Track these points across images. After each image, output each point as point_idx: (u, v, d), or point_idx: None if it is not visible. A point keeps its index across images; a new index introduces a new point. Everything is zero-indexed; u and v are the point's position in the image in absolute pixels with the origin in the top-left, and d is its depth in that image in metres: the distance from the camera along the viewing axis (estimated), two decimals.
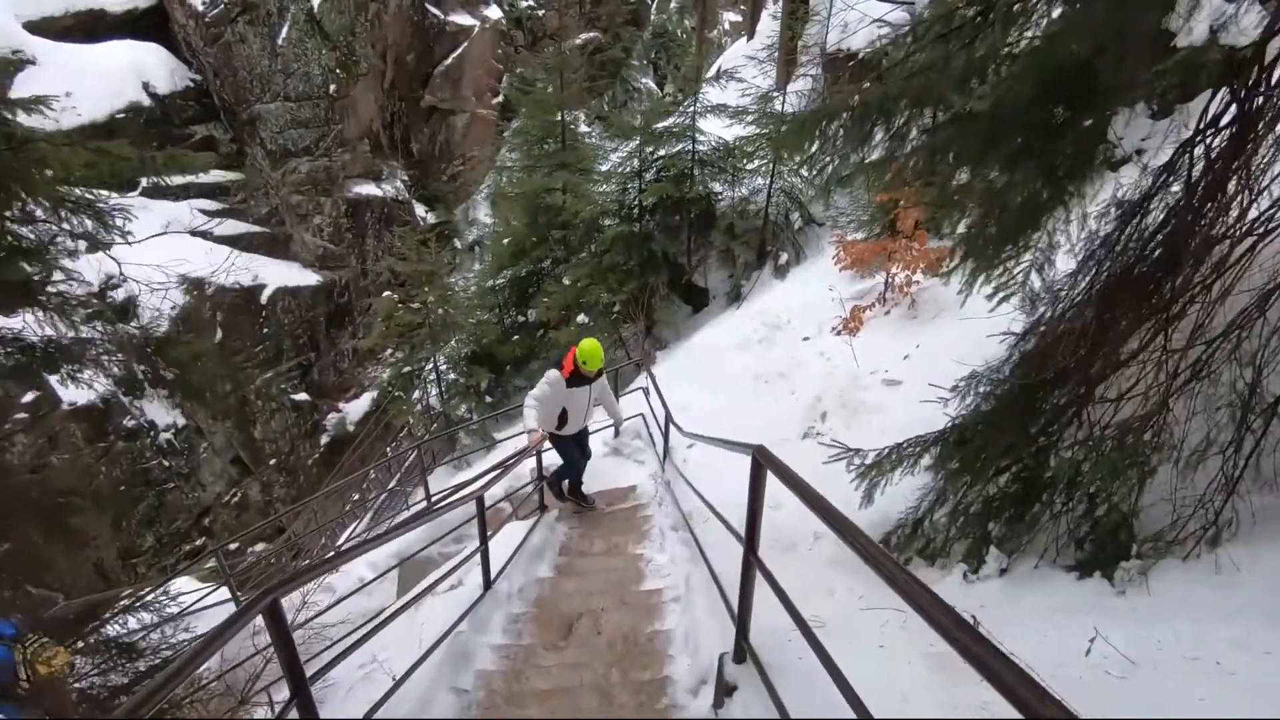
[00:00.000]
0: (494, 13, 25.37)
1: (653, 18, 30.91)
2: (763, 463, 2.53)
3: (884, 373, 5.96)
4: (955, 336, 5.81)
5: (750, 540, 2.69)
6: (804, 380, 6.56)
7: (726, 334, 8.38)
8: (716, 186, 10.30)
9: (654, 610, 4.75)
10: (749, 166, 9.85)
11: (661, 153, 10.09)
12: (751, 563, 2.69)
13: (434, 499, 8.09)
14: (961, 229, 4.25)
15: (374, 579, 7.10)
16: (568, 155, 11.26)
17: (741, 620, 2.84)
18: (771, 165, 9.64)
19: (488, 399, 12.43)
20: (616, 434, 7.95)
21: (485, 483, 4.33)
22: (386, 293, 12.24)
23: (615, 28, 27.70)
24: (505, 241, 12.12)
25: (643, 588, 5.23)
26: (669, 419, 6.63)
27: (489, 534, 5.05)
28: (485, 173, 25.46)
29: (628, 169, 10.32)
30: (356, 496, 15.24)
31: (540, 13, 27.47)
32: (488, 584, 4.68)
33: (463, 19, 24.13)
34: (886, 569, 1.48)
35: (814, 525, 5.23)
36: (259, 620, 2.07)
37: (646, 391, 7.88)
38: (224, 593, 8.50)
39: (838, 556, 4.16)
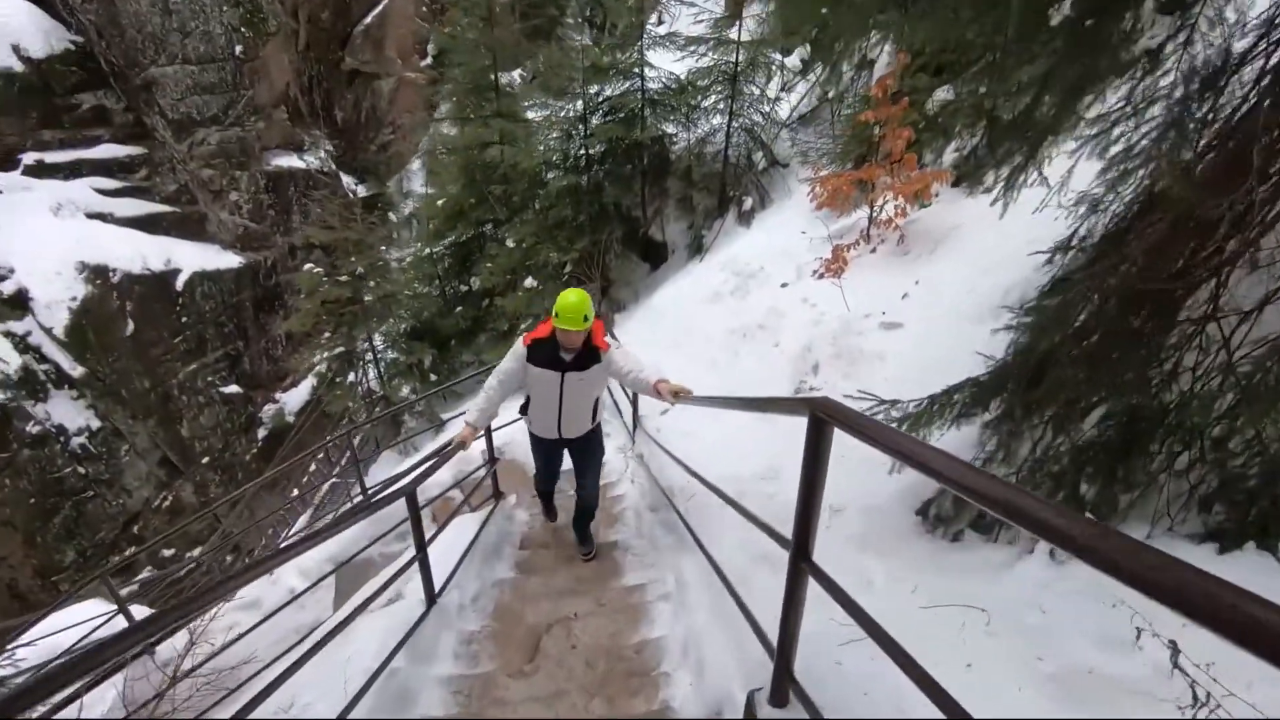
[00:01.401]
0: None
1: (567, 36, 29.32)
2: (828, 419, 1.64)
3: (881, 315, 5.16)
4: (962, 268, 5.03)
5: (802, 540, 1.81)
6: (788, 330, 5.72)
7: (692, 289, 7.49)
8: (670, 128, 9.31)
9: (638, 613, 3.88)
10: (705, 104, 8.88)
11: (608, 92, 9.02)
12: (803, 572, 1.81)
13: (371, 492, 7.05)
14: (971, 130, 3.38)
15: (305, 590, 6.08)
16: (502, 102, 10.08)
17: (783, 651, 1.97)
18: (730, 100, 8.69)
19: (432, 377, 11.30)
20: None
21: (413, 478, 3.35)
22: (309, 265, 10.92)
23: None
24: (440, 204, 10.90)
25: (623, 583, 4.36)
26: None
27: (432, 534, 4.09)
28: (419, 141, 23.80)
29: (570, 113, 9.22)
30: (296, 491, 13.99)
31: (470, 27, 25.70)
32: (432, 598, 3.73)
33: None
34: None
35: (829, 497, 4.44)
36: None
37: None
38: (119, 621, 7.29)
39: (863, 534, 3.36)
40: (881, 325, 5.06)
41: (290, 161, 19.26)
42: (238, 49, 17.47)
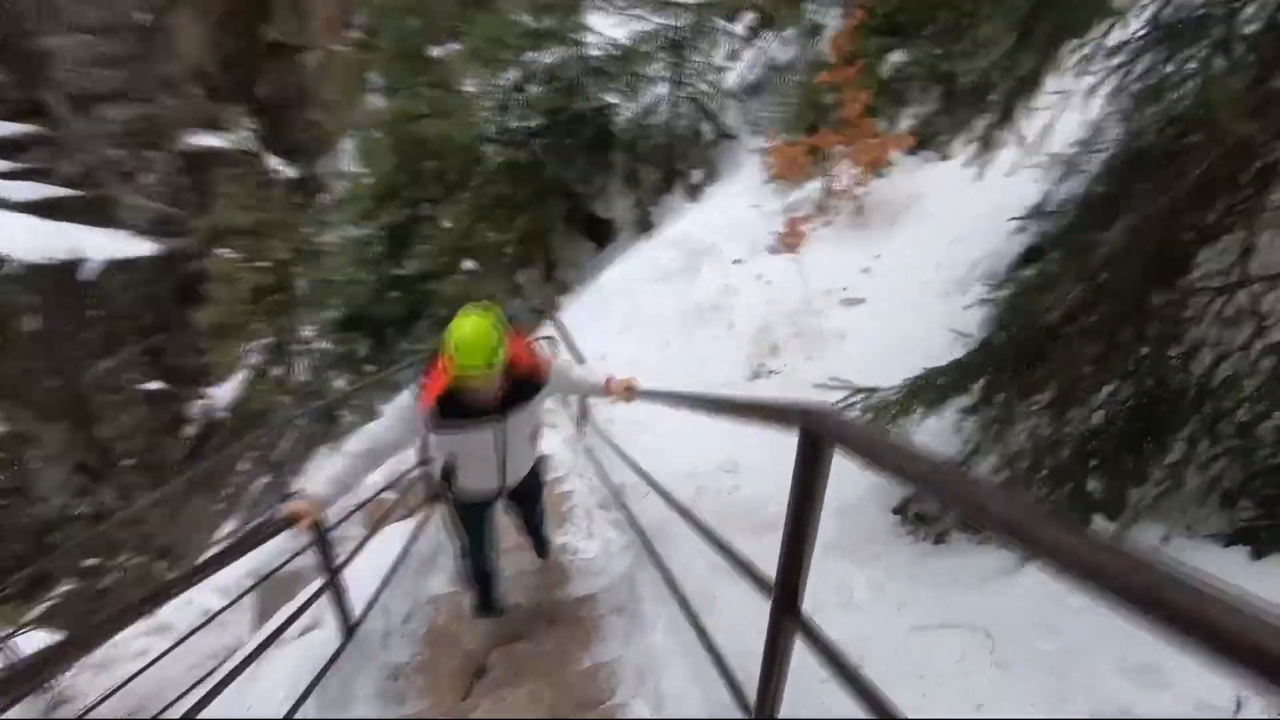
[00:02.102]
0: None
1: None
2: (826, 437, 1.22)
3: (841, 292, 4.82)
4: (926, 239, 4.72)
5: (790, 588, 1.39)
6: (743, 310, 5.34)
7: (640, 268, 7.04)
8: (612, 98, 8.76)
9: (589, 628, 3.47)
10: (648, 71, 8.36)
11: (546, 60, 8.41)
12: (789, 628, 1.40)
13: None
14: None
15: (220, 610, 5.50)
16: (434, 72, 9.36)
17: (765, 711, 1.57)
18: (675, 68, 8.19)
19: (368, 368, 10.59)
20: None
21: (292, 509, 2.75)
22: (223, 251, 10.05)
23: None
24: (369, 183, 10.13)
25: (570, 593, 3.94)
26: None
27: (348, 554, 3.58)
28: (350, 119, 22.52)
29: (506, 82, 8.59)
30: (224, 494, 13.13)
31: None
32: (349, 629, 3.23)
33: None
34: None
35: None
36: None
37: (553, 343, 6.46)
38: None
39: (837, 537, 3.00)
40: (842, 302, 4.72)
41: (209, 141, 17.91)
42: (141, 16, 16.03)
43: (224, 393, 17.80)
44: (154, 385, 17.93)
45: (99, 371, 16.69)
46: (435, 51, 10.15)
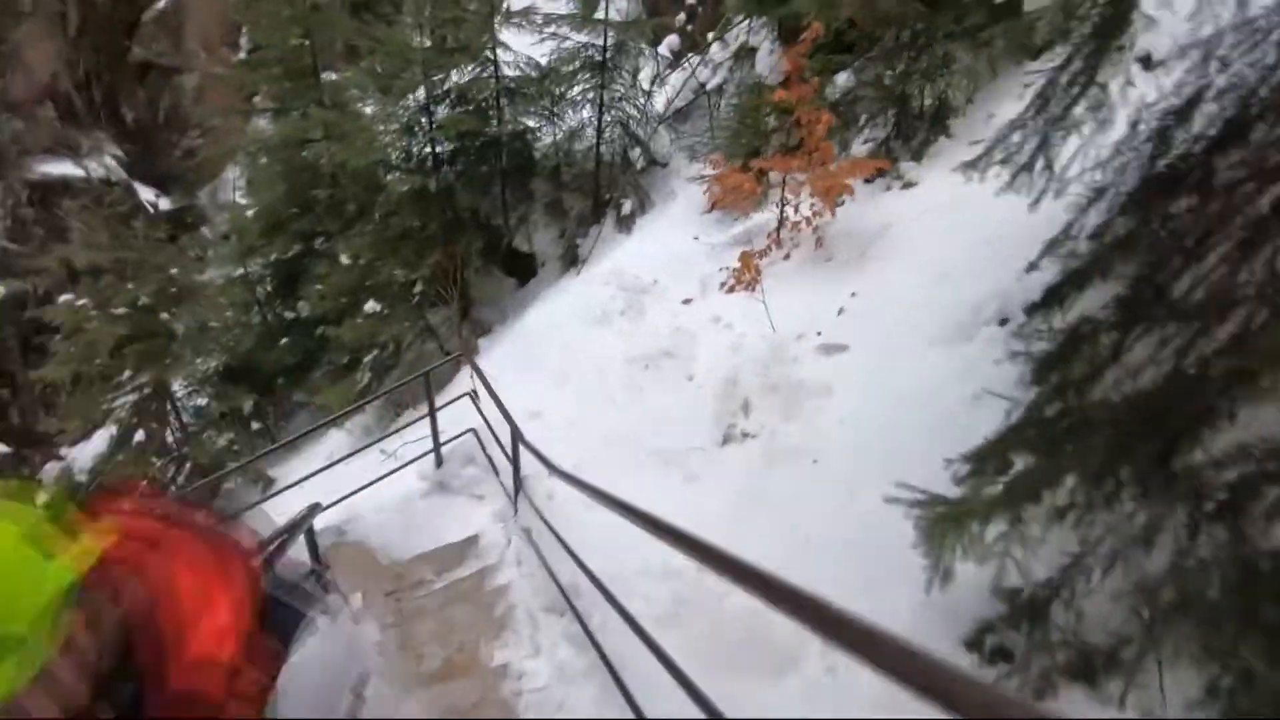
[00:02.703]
0: None
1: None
2: None
3: (816, 336, 4.17)
4: (908, 276, 4.14)
5: None
6: (703, 358, 4.61)
7: (573, 308, 6.20)
8: (531, 122, 7.96)
9: None
10: (571, 93, 7.62)
11: (455, 78, 7.51)
12: None
13: None
14: None
15: None
16: (326, 91, 8.26)
17: None
18: (599, 90, 7.49)
19: (254, 425, 9.16)
20: (439, 462, 5.49)
21: None
22: (65, 296, 8.46)
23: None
24: (252, 214, 8.82)
25: None
26: (518, 437, 4.34)
27: None
28: (234, 146, 20.58)
29: (411, 103, 7.62)
30: None
31: None
32: None
33: None
34: None
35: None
36: None
37: (475, 396, 5.50)
38: None
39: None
40: (820, 349, 4.06)
41: (64, 168, 15.75)
42: None
43: (84, 454, 15.42)
44: (1, 449, 15.36)
45: None
46: (329, 74, 9.05)
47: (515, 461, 4.54)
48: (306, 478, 5.53)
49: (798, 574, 1.03)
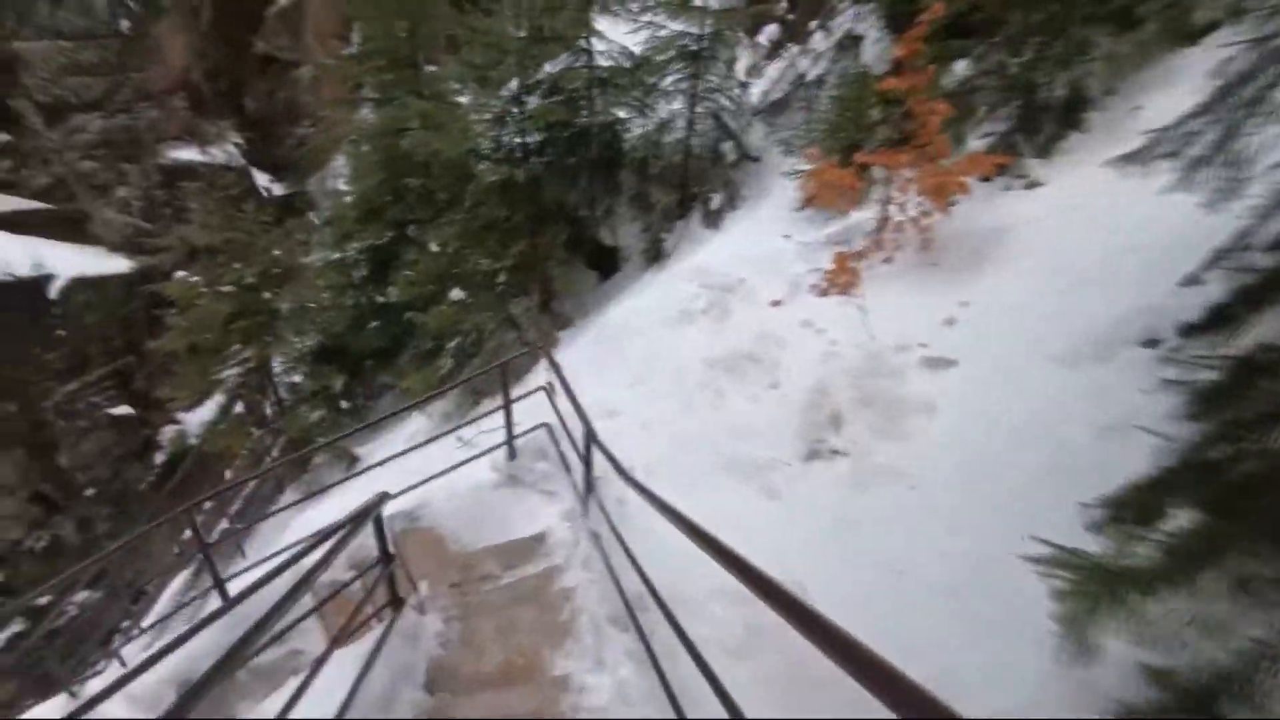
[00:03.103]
0: None
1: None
2: None
3: (919, 348, 3.77)
4: (1029, 285, 3.67)
5: None
6: (791, 365, 4.28)
7: (655, 304, 5.97)
8: (622, 113, 7.77)
9: None
10: (663, 84, 7.38)
11: (547, 69, 7.42)
12: None
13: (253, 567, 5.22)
14: None
15: None
16: (424, 80, 8.36)
17: None
18: (692, 81, 7.22)
19: (343, 404, 9.45)
20: (512, 455, 5.40)
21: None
22: (180, 273, 8.97)
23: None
24: (351, 200, 9.08)
25: None
26: (590, 436, 4.16)
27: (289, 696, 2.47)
28: (343, 136, 21.56)
29: (504, 93, 7.59)
30: (185, 537, 11.84)
31: None
32: None
33: None
34: None
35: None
36: None
37: (551, 390, 5.37)
38: None
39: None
40: (924, 362, 3.66)
41: (191, 154, 16.87)
42: (123, 24, 15.06)
43: (195, 420, 16.52)
44: (121, 410, 16.67)
45: (60, 396, 15.42)
46: (430, 67, 9.20)
47: (587, 461, 4.36)
48: (386, 460, 5.57)
49: (889, 611, 0.79)
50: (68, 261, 15.24)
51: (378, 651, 3.42)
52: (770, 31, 8.34)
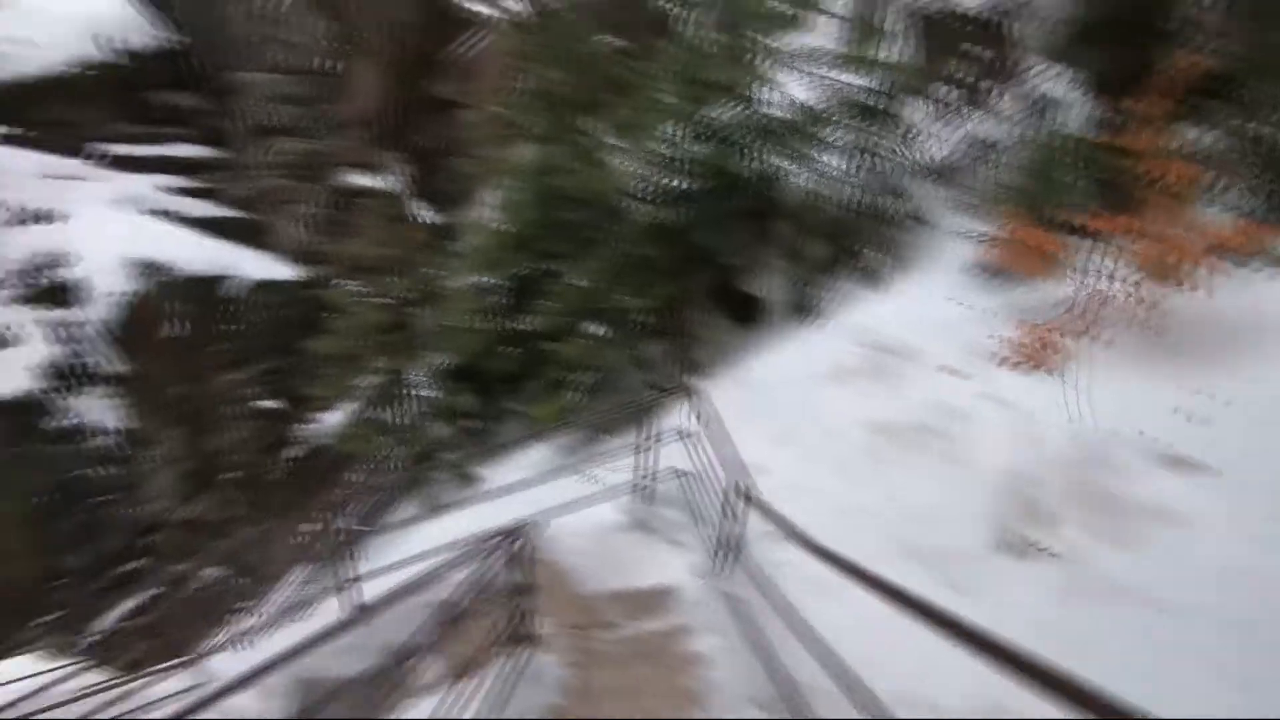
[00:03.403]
0: (517, 6, 22.90)
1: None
2: None
3: (1156, 443, 3.16)
4: None
5: None
6: (974, 442, 3.75)
7: (805, 360, 5.60)
8: (783, 162, 7.57)
9: None
10: (832, 136, 7.13)
11: (711, 115, 7.38)
12: None
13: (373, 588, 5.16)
14: None
15: None
16: (582, 121, 8.58)
17: None
18: (862, 135, 6.93)
19: (468, 424, 9.60)
20: (642, 499, 5.12)
21: None
22: (343, 282, 9.55)
23: (639, 35, 25.32)
24: (501, 229, 9.38)
25: None
26: (743, 490, 3.80)
27: None
28: (492, 176, 22.95)
29: (664, 136, 7.61)
30: (310, 528, 12.41)
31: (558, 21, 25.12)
32: None
33: (483, 8, 21.65)
34: None
35: None
36: None
37: (687, 436, 5.08)
38: None
39: None
40: (1161, 460, 3.06)
41: (363, 180, 18.39)
42: (327, 63, 16.82)
43: (331, 421, 17.56)
44: (270, 404, 18.03)
45: (223, 384, 16.91)
46: (591, 110, 9.49)
47: (734, 516, 4.00)
48: (511, 486, 5.45)
49: None
50: (248, 266, 16.87)
51: (506, 690, 3.17)
52: (947, 90, 7.94)
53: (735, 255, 7.77)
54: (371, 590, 4.76)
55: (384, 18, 18.41)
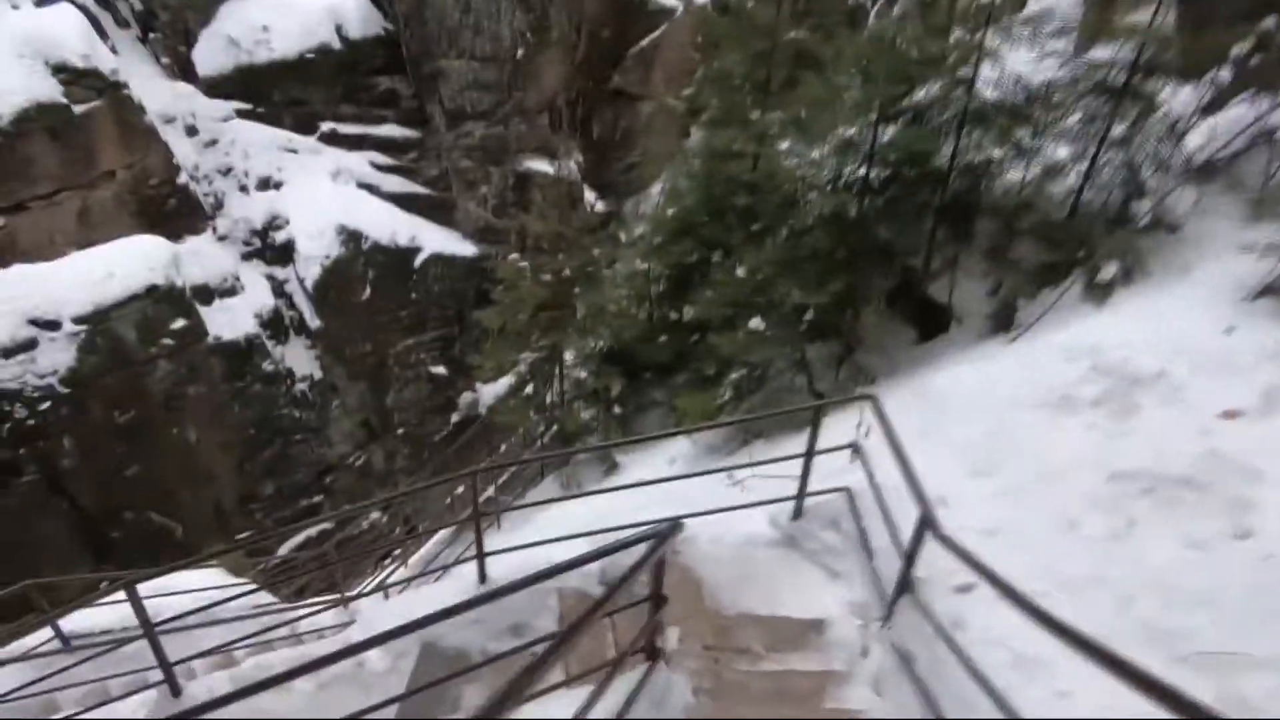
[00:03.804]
0: None
1: (870, 22, 26.90)
2: None
3: None
4: None
5: None
6: (1273, 509, 2.78)
7: (1013, 380, 4.67)
8: (995, 152, 6.53)
9: None
10: (1065, 123, 6.01)
11: (917, 96, 6.51)
12: None
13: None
14: None
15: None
16: (766, 100, 8.00)
17: None
18: (1105, 123, 5.75)
19: (616, 409, 9.44)
20: (797, 514, 4.51)
21: None
22: (514, 255, 9.74)
23: (828, 26, 24.10)
24: (670, 213, 9.07)
25: None
26: (928, 523, 3.09)
27: None
28: (662, 168, 22.95)
29: (856, 120, 6.84)
30: (458, 492, 12.95)
31: (748, 4, 24.53)
32: None
33: (666, 0, 21.63)
34: None
35: None
36: None
37: (859, 451, 4.40)
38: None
39: None
40: None
41: (541, 166, 19.06)
42: (519, 52, 17.55)
43: (491, 391, 18.45)
44: (438, 370, 19.31)
45: (400, 348, 18.31)
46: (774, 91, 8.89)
47: (910, 554, 3.31)
48: (655, 482, 5.06)
49: None
50: (432, 239, 18.08)
51: (626, 706, 2.77)
52: (1218, 75, 6.44)
53: (919, 256, 6.85)
54: (505, 567, 4.60)
55: (574, 9, 18.91)
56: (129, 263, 12.74)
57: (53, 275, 12.35)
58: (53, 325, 12.34)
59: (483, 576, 4.31)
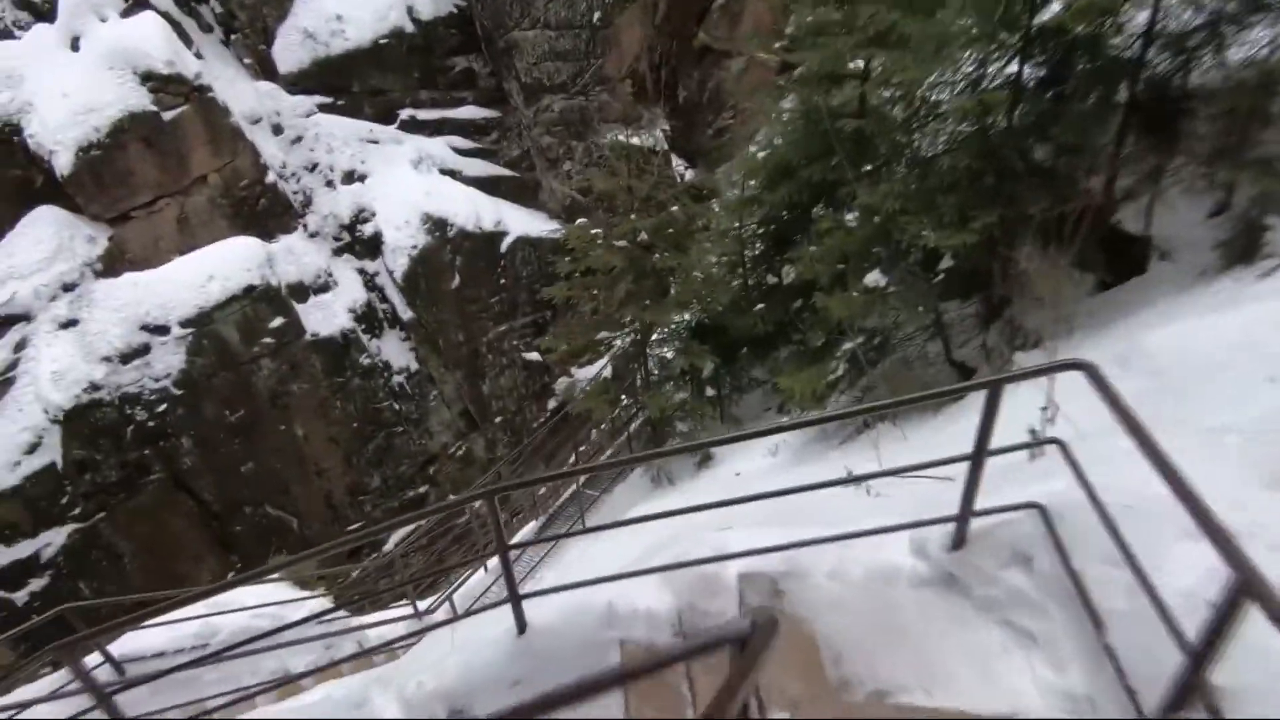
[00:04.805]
0: None
1: None
2: None
3: None
4: None
5: None
6: None
7: None
8: (1198, 22, 4.62)
9: None
10: None
11: None
12: None
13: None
14: None
15: None
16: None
17: None
18: None
19: (709, 391, 8.17)
20: (958, 541, 3.06)
21: None
22: (581, 220, 8.65)
23: None
24: (763, 156, 7.61)
25: None
26: (1246, 588, 1.63)
27: None
28: (756, 130, 21.15)
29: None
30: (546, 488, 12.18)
31: None
32: None
33: None
34: None
35: None
36: None
37: (1065, 448, 2.84)
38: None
39: None
40: None
41: (625, 135, 17.90)
42: (596, 15, 16.40)
43: (586, 375, 17.66)
44: (532, 356, 18.74)
45: (493, 335, 17.87)
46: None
47: (1212, 640, 1.84)
48: (746, 483, 3.77)
49: None
50: (518, 222, 17.41)
51: None
52: None
53: (1107, 171, 5.04)
54: (557, 606, 3.50)
55: None
56: (226, 265, 12.87)
57: (159, 281, 12.65)
58: (162, 330, 12.68)
59: (521, 626, 3.22)
